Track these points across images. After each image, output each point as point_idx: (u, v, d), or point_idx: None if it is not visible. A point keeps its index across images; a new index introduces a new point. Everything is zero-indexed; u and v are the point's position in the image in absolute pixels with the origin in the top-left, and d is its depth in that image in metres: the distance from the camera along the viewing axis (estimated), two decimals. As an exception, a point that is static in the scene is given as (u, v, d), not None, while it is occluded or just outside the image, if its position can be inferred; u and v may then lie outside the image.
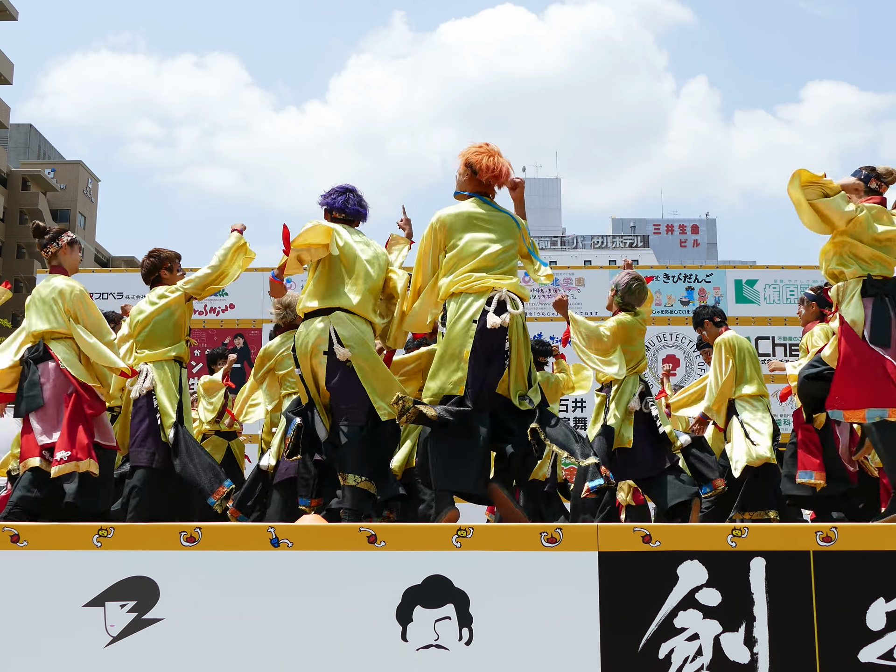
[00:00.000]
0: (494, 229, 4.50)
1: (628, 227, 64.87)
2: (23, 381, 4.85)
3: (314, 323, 4.58)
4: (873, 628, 3.59)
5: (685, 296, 13.07)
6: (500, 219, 4.56)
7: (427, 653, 3.58)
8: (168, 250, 5.70)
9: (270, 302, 13.67)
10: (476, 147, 4.62)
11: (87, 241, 52.04)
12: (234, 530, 3.82)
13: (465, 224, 4.47)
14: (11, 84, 41.30)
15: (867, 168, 4.96)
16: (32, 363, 4.80)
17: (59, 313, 4.91)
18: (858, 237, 4.64)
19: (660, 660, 3.57)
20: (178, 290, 5.49)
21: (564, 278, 13.41)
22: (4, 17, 39.62)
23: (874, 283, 4.58)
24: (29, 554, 3.68)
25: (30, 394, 4.74)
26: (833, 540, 3.65)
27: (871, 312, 4.52)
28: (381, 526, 3.86)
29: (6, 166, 46.40)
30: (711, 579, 3.62)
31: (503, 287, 4.39)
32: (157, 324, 5.45)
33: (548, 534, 3.67)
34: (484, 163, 4.54)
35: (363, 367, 4.53)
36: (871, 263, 4.64)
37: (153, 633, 3.61)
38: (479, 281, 4.37)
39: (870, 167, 4.95)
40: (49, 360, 4.78)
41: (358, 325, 4.58)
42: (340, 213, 4.87)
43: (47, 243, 5.02)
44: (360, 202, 4.91)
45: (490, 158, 4.55)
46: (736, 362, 6.69)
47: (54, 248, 5.05)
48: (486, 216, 4.51)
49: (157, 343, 5.43)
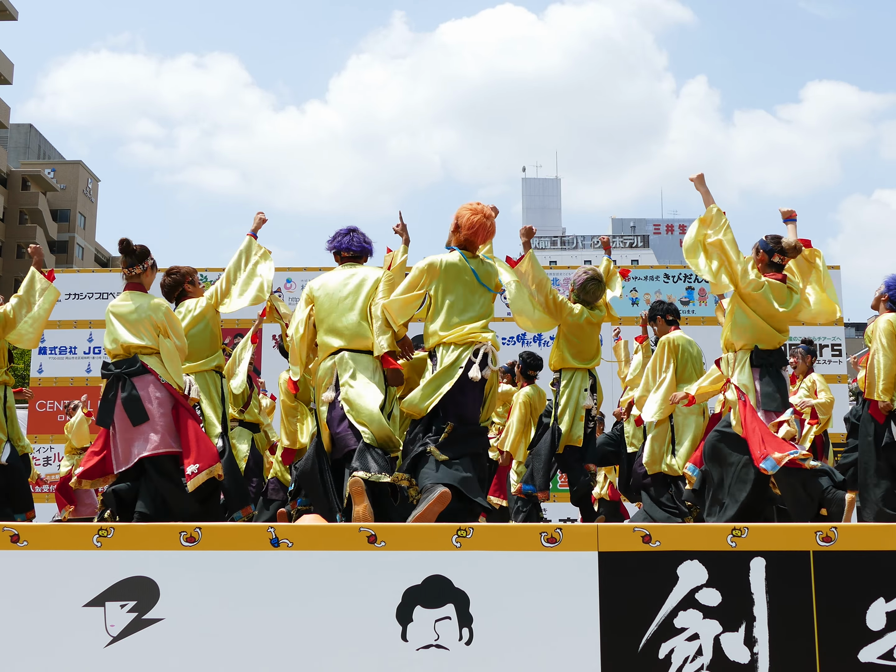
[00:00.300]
0: (477, 282, 4.93)
1: (628, 227, 64.89)
2: (111, 393, 4.93)
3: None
4: (873, 628, 3.59)
5: (685, 296, 13.06)
6: (485, 273, 5.00)
7: (427, 653, 3.58)
8: (185, 266, 5.82)
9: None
10: (469, 206, 5.03)
11: (87, 241, 52.05)
12: (234, 530, 3.82)
13: (454, 277, 4.90)
14: (11, 84, 41.33)
15: (773, 241, 5.13)
16: (127, 377, 4.88)
17: (150, 329, 5.02)
18: (754, 308, 4.97)
19: (660, 660, 3.57)
20: (206, 299, 5.64)
21: (564, 278, 13.40)
22: (4, 17, 39.64)
23: (760, 353, 4.97)
24: (29, 554, 3.68)
25: (133, 407, 4.84)
26: (833, 540, 3.65)
27: (758, 381, 4.96)
28: (381, 526, 3.86)
29: (6, 166, 46.41)
30: (711, 579, 3.62)
31: (487, 341, 4.85)
32: (194, 336, 5.58)
33: (548, 534, 3.67)
34: (465, 220, 4.97)
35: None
36: (761, 336, 4.99)
37: (153, 634, 3.61)
38: (470, 335, 4.83)
39: (776, 239, 5.14)
40: (146, 374, 4.89)
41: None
42: (348, 252, 5.25)
43: (134, 263, 5.15)
44: (364, 239, 5.28)
45: (473, 217, 4.95)
46: (677, 364, 6.73)
47: (139, 269, 5.19)
48: (471, 269, 4.93)
49: (197, 355, 5.56)
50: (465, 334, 4.82)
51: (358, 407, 4.80)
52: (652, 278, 12.86)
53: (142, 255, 5.19)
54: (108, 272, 14.78)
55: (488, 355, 4.84)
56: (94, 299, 13.23)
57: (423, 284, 4.91)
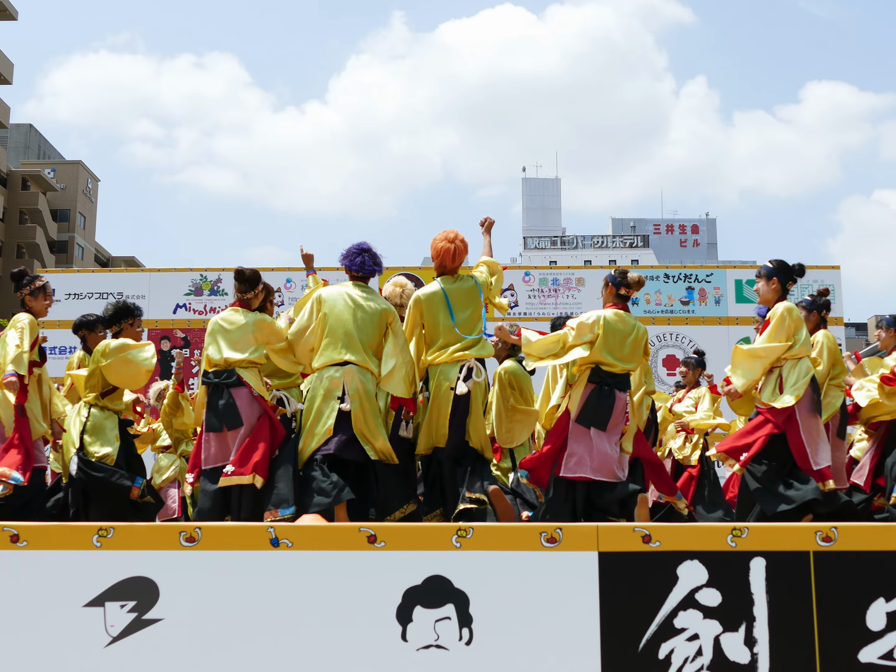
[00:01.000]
0: (458, 303, 5.34)
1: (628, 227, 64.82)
2: (215, 400, 5.25)
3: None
4: (873, 628, 3.59)
5: (685, 296, 13.06)
6: (462, 292, 5.38)
7: (427, 653, 3.58)
8: (265, 282, 5.86)
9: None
10: (439, 235, 5.47)
11: (87, 241, 52.05)
12: (234, 530, 3.82)
13: (437, 304, 5.33)
14: (11, 84, 41.29)
15: (620, 275, 5.40)
16: (226, 388, 5.24)
17: (252, 344, 5.29)
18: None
19: (660, 660, 3.57)
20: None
21: (564, 278, 13.40)
22: (4, 17, 39.61)
23: (597, 371, 5.22)
24: (29, 554, 3.68)
25: (228, 414, 5.18)
26: (833, 540, 3.65)
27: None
28: (381, 526, 3.86)
29: (6, 166, 46.39)
30: (711, 579, 3.62)
31: (471, 357, 5.26)
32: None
33: (548, 534, 3.67)
34: (433, 250, 5.45)
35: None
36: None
37: (153, 633, 3.61)
38: (453, 354, 5.24)
39: (622, 274, 5.41)
40: (242, 387, 5.20)
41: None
42: (358, 273, 5.46)
43: (246, 290, 5.43)
44: (375, 261, 5.49)
45: (438, 244, 5.42)
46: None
47: (251, 294, 5.45)
48: (451, 293, 5.34)
49: (282, 372, 5.69)
50: (450, 355, 5.22)
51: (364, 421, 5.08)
52: (652, 278, 12.86)
53: (253, 282, 5.45)
54: (107, 272, 14.80)
55: (472, 370, 5.23)
56: (94, 299, 13.25)
57: (418, 321, 5.38)
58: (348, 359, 5.07)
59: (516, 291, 13.25)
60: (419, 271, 13.64)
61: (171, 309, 13.18)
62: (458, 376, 5.19)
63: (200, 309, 13.15)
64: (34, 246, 46.27)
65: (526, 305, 13.21)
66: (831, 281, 12.63)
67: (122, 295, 13.37)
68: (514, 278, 13.40)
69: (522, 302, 13.22)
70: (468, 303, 5.38)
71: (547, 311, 13.16)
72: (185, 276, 13.28)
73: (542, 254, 53.60)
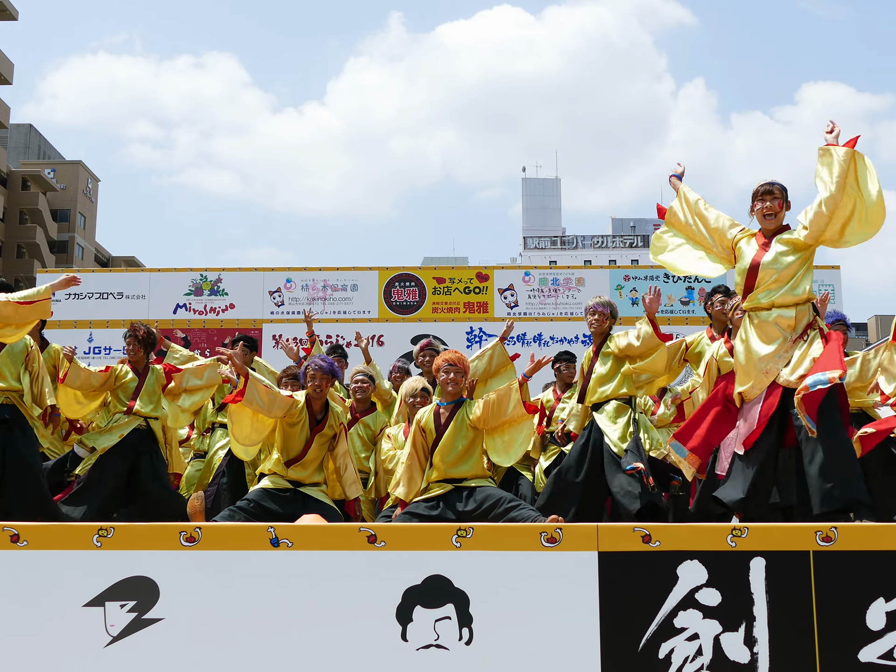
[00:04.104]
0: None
1: (628, 227, 64.79)
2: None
3: None
4: (873, 628, 3.58)
5: (685, 296, 13.06)
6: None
7: (427, 653, 3.57)
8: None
9: (272, 303, 13.59)
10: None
11: (87, 241, 52.03)
12: (234, 530, 3.82)
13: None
14: (11, 84, 41.28)
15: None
16: None
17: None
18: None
19: (660, 659, 3.57)
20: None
21: (564, 278, 13.40)
22: (4, 17, 39.59)
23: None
24: (29, 554, 3.68)
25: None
26: (833, 540, 3.65)
27: None
28: (381, 526, 3.86)
29: (6, 166, 46.37)
30: (711, 579, 3.62)
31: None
32: None
33: (547, 534, 3.67)
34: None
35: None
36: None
37: (153, 633, 3.61)
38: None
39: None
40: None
41: None
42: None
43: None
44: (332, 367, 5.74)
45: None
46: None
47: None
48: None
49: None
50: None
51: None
52: (652, 278, 12.86)
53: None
54: (107, 272, 14.78)
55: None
56: (94, 299, 13.24)
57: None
58: None
59: (516, 291, 13.25)
60: (419, 271, 13.64)
61: (171, 309, 13.19)
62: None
63: (200, 309, 13.15)
64: (34, 246, 46.27)
65: (526, 305, 13.21)
66: (831, 281, 12.63)
67: (122, 295, 13.37)
68: (514, 278, 13.40)
69: (522, 302, 13.22)
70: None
71: (547, 311, 13.16)
72: (185, 276, 13.29)
73: (542, 254, 53.60)
